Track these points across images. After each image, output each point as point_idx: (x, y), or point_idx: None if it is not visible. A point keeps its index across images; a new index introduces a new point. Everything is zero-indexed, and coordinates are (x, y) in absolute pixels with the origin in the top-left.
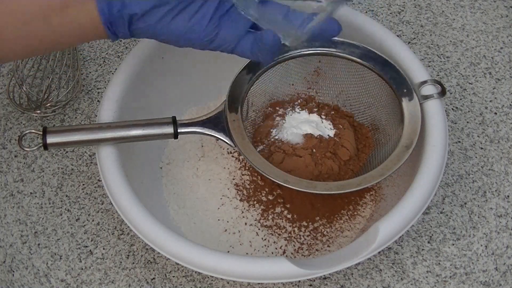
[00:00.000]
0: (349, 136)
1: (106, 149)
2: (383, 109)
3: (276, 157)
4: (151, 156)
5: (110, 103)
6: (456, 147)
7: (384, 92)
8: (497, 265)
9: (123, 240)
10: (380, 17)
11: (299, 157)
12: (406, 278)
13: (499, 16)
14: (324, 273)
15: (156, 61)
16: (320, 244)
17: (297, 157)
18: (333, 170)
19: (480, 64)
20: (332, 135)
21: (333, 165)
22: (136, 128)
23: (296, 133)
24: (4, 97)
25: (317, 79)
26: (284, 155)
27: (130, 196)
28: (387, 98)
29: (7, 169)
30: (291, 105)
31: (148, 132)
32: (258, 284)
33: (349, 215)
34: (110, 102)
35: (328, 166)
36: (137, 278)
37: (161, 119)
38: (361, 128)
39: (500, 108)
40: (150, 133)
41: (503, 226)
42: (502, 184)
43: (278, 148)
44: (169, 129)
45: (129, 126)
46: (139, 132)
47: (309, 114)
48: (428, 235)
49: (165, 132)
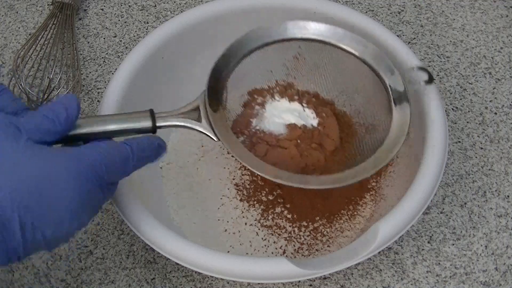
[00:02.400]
0: (333, 125)
1: None
2: (367, 97)
3: (259, 149)
4: None
5: (110, 103)
6: (456, 147)
7: (369, 78)
8: (497, 265)
9: (123, 240)
10: (380, 17)
11: (283, 149)
12: (406, 278)
13: (499, 16)
14: (324, 273)
15: (156, 61)
16: (320, 244)
17: (281, 149)
18: (319, 162)
19: (480, 64)
20: (316, 125)
21: (320, 156)
22: (112, 122)
23: (278, 122)
24: None
25: (297, 65)
26: (268, 147)
27: (130, 196)
28: (372, 85)
29: None
30: (270, 93)
31: (125, 127)
32: (258, 284)
33: (349, 215)
34: (110, 102)
35: (315, 157)
36: (137, 278)
37: (138, 113)
38: (343, 116)
39: (500, 108)
40: (127, 127)
41: (503, 226)
42: (502, 184)
43: (260, 139)
44: (147, 122)
45: (105, 121)
46: (115, 127)
47: (289, 102)
48: (428, 235)
49: (143, 126)
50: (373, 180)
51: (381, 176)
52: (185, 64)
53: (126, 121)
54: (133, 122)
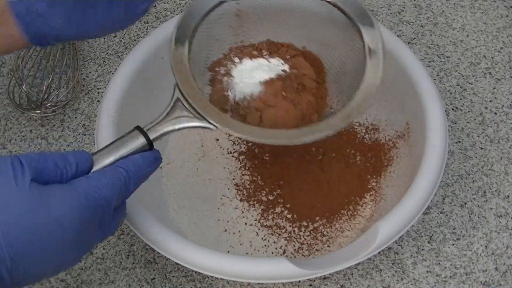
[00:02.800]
0: (303, 63)
1: None
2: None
3: (252, 118)
4: None
5: (110, 103)
6: (456, 147)
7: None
8: (497, 265)
9: (123, 240)
10: (380, 17)
11: (275, 107)
12: (406, 278)
13: (499, 16)
14: (324, 273)
15: (156, 60)
16: (320, 244)
17: (272, 108)
18: (311, 103)
19: (480, 64)
20: (288, 69)
21: (309, 97)
22: (108, 156)
23: (253, 83)
24: (4, 97)
25: (241, 22)
26: (259, 112)
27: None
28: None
29: None
30: (229, 59)
31: (122, 154)
32: (258, 284)
33: (349, 215)
34: (110, 102)
35: (305, 100)
36: (137, 278)
37: (128, 135)
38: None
39: (500, 108)
40: (124, 153)
41: (503, 226)
42: (502, 184)
43: (247, 108)
44: (141, 140)
45: (102, 157)
46: (112, 159)
47: (251, 59)
48: (428, 235)
49: (138, 145)
50: (373, 180)
51: (381, 176)
52: None
53: (120, 148)
54: (128, 146)
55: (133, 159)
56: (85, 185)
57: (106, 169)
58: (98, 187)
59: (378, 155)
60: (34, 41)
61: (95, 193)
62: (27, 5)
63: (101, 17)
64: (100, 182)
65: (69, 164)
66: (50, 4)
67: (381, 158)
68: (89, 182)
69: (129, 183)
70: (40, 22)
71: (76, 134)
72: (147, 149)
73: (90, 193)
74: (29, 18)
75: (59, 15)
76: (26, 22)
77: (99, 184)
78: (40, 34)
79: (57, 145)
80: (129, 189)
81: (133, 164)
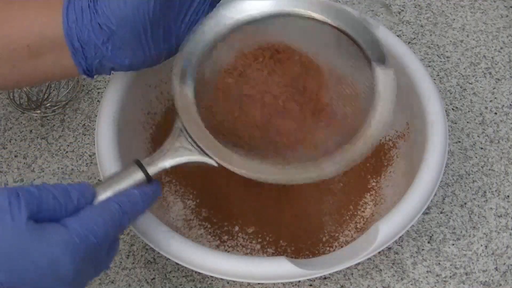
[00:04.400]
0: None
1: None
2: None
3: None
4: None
5: (110, 103)
6: (456, 147)
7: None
8: (497, 265)
9: (123, 240)
10: (380, 17)
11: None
12: (406, 278)
13: (499, 16)
14: (324, 273)
15: None
16: (320, 244)
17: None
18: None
19: (480, 64)
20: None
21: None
22: (106, 191)
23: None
24: (4, 97)
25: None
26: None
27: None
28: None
29: (7, 169)
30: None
31: (120, 189)
32: (258, 284)
33: (349, 215)
34: (110, 102)
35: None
36: (137, 278)
37: (126, 170)
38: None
39: (500, 108)
40: (122, 188)
41: (503, 226)
42: (502, 184)
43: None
44: (138, 175)
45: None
46: (110, 194)
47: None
48: (428, 235)
49: (136, 181)
50: (373, 180)
51: (381, 176)
52: None
53: (118, 183)
54: (125, 182)
55: (129, 194)
56: (79, 225)
57: (100, 206)
58: (91, 226)
59: (378, 155)
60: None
61: (89, 232)
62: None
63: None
64: (94, 221)
65: (70, 199)
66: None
67: (381, 158)
68: (82, 221)
69: (124, 219)
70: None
71: (76, 134)
72: (146, 183)
73: (84, 233)
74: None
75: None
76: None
77: (93, 223)
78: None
79: (57, 145)
80: (123, 225)
81: (128, 200)
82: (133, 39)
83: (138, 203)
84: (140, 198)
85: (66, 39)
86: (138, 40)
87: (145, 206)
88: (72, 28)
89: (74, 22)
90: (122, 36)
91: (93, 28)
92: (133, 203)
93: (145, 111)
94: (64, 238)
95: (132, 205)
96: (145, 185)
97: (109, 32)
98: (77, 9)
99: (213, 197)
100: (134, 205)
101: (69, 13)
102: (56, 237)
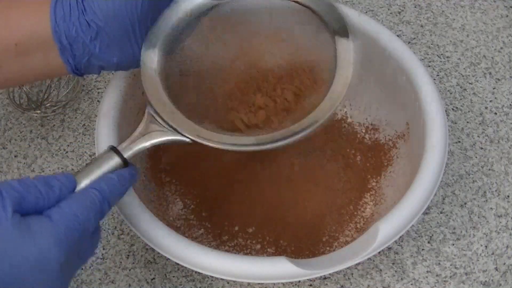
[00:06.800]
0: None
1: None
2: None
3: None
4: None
5: (110, 104)
6: (456, 147)
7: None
8: (497, 265)
9: (123, 240)
10: (380, 17)
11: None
12: (406, 278)
13: (499, 16)
14: (324, 273)
15: None
16: (320, 244)
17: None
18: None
19: (480, 64)
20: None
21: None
22: (83, 179)
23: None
24: (4, 97)
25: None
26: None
27: (130, 196)
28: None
29: (7, 169)
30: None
31: (97, 175)
32: (258, 284)
33: (349, 215)
34: (110, 102)
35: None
36: (137, 278)
37: (101, 156)
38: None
39: (500, 108)
40: (99, 174)
41: (503, 226)
42: (502, 184)
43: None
44: (115, 160)
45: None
46: (88, 181)
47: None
48: (428, 235)
49: (113, 166)
50: (373, 180)
51: (381, 176)
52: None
53: (95, 170)
54: (102, 167)
55: (107, 178)
56: (62, 215)
57: (79, 194)
58: (74, 214)
59: (378, 155)
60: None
61: (72, 221)
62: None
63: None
64: (76, 209)
65: (52, 189)
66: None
67: (381, 158)
68: (64, 211)
69: (103, 204)
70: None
71: (76, 134)
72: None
73: (67, 223)
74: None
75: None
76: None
77: (75, 211)
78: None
79: (57, 145)
80: (103, 210)
81: (106, 184)
82: (121, 37)
83: (116, 186)
84: (118, 182)
85: (54, 37)
86: (126, 38)
87: (123, 189)
88: (60, 25)
89: (62, 19)
90: (110, 33)
91: (80, 25)
92: (111, 188)
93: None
94: (49, 230)
95: (111, 190)
96: (122, 169)
97: (97, 29)
98: (65, 6)
99: (213, 197)
100: (113, 189)
101: (57, 11)
102: (41, 229)
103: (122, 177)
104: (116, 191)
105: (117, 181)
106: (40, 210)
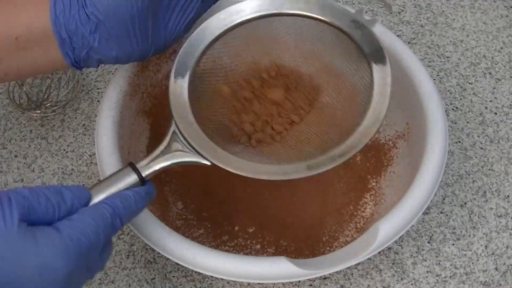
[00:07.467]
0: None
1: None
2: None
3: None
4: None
5: (110, 104)
6: (456, 147)
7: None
8: (497, 265)
9: (123, 240)
10: (380, 17)
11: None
12: (406, 278)
13: (499, 16)
14: (324, 273)
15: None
16: (320, 244)
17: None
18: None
19: (480, 64)
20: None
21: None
22: (99, 193)
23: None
24: (4, 97)
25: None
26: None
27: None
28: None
29: (7, 169)
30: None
31: (113, 191)
32: (258, 284)
33: (349, 215)
34: (110, 102)
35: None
36: (137, 278)
37: (120, 172)
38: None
39: (500, 108)
40: (115, 190)
41: (503, 226)
42: (502, 184)
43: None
44: (132, 178)
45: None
46: (104, 196)
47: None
48: (428, 235)
49: (130, 183)
50: (373, 180)
51: (381, 176)
52: None
53: (111, 186)
54: (118, 184)
55: (122, 195)
56: (71, 228)
57: (92, 208)
58: (84, 229)
59: (378, 155)
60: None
61: (81, 235)
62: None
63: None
64: (86, 224)
65: (64, 201)
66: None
67: (381, 158)
68: (74, 224)
69: (115, 220)
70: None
71: (76, 134)
72: (140, 185)
73: (75, 236)
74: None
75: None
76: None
77: (85, 226)
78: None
79: (57, 145)
80: (115, 226)
81: (121, 201)
82: (120, 30)
83: (131, 204)
84: (133, 200)
85: (54, 30)
86: (126, 32)
87: (139, 207)
88: (59, 19)
89: (62, 12)
90: (109, 26)
91: (80, 18)
92: (126, 204)
93: (145, 111)
94: (55, 241)
95: (125, 207)
96: (139, 187)
97: (96, 22)
98: (65, 0)
99: (213, 197)
100: (127, 206)
101: (57, 4)
102: (47, 241)
103: (138, 194)
104: (130, 208)
105: (132, 198)
106: (49, 220)
